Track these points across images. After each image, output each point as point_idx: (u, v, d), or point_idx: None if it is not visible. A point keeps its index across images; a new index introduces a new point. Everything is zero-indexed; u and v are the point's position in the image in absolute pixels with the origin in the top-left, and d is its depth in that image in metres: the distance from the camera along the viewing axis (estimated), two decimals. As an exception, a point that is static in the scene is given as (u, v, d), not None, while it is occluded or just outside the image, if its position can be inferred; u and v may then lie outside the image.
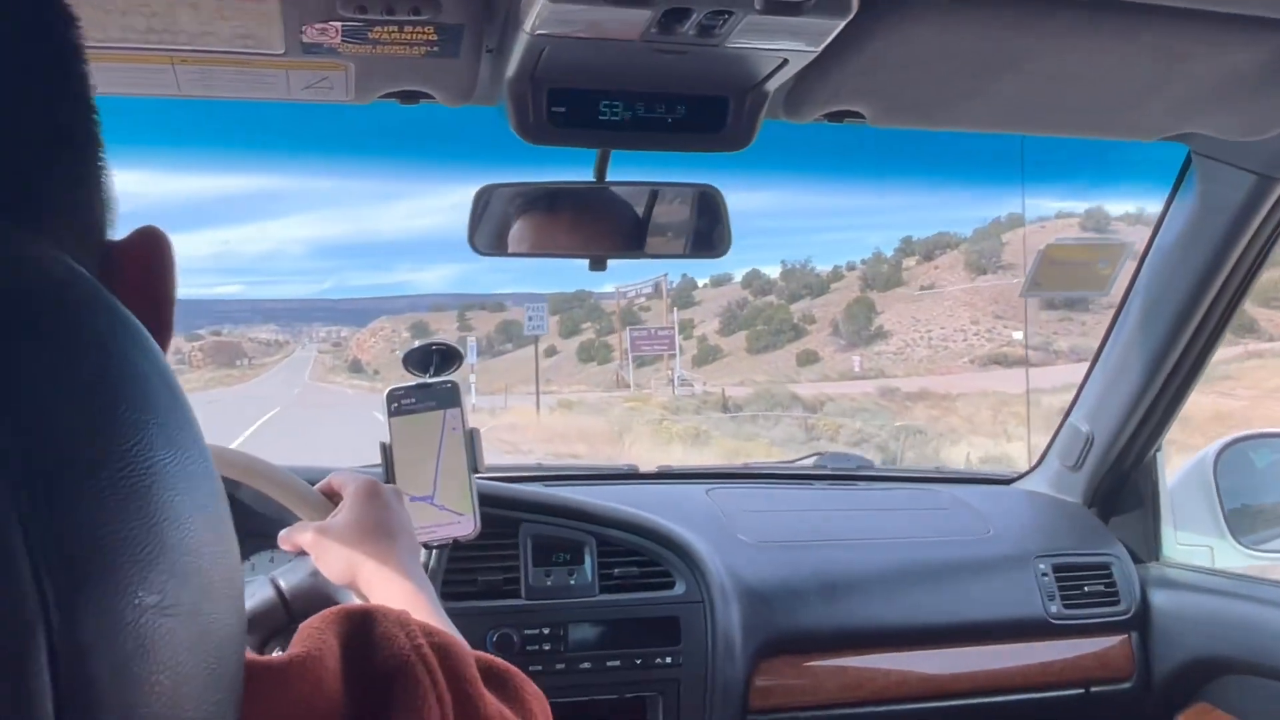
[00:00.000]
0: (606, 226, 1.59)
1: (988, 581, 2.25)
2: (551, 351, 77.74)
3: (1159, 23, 1.24)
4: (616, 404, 32.05)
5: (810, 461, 2.76)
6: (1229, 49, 1.32)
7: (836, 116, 1.47)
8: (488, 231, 1.59)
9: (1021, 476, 2.68)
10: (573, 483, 2.42)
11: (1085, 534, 2.42)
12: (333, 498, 1.29)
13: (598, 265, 1.58)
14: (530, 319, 39.15)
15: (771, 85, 1.32)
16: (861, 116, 1.47)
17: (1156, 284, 2.17)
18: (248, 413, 29.63)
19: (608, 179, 1.54)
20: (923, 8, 1.21)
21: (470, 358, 37.19)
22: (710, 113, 1.36)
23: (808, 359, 57.01)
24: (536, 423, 25.18)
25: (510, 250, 1.59)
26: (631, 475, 2.58)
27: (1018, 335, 54.27)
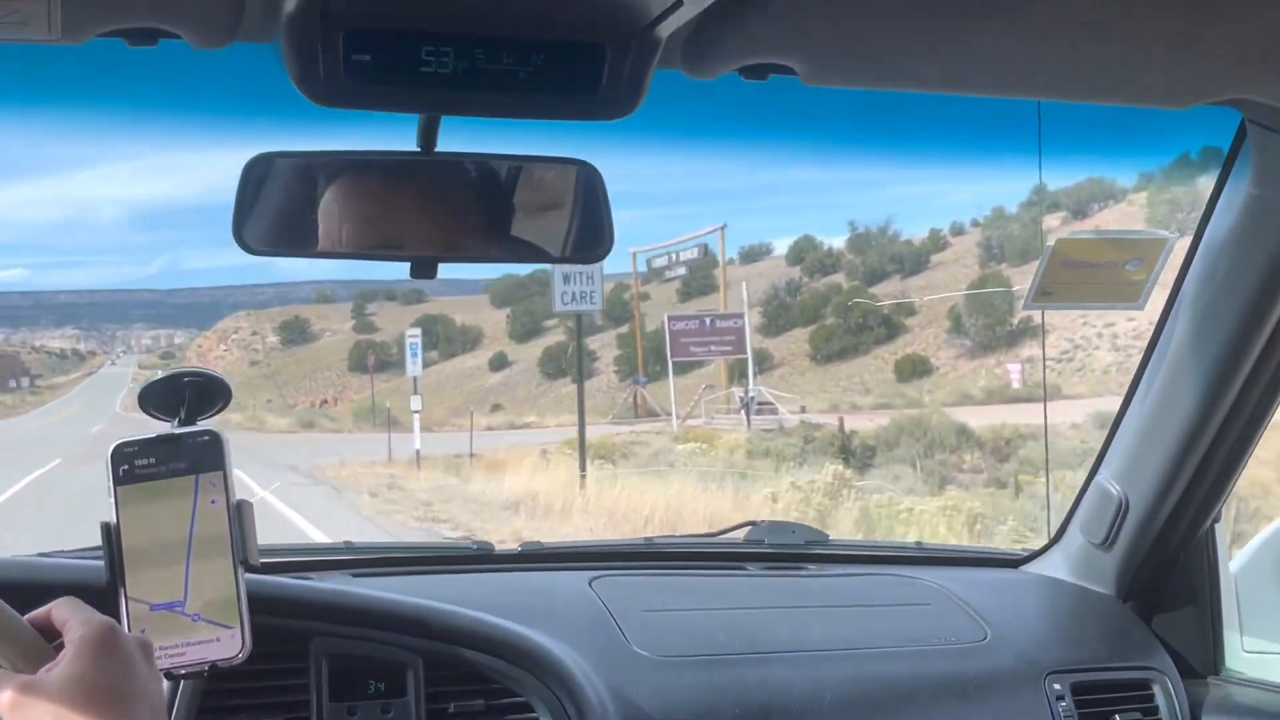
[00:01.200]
0: (437, 216, 1.59)
1: (982, 708, 2.30)
2: (501, 363, 77.24)
3: None
4: (659, 445, 28.22)
5: (740, 534, 2.79)
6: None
7: (757, 72, 1.51)
8: (262, 221, 1.57)
9: (1034, 556, 2.76)
10: (394, 571, 2.42)
11: (1118, 639, 2.49)
12: (51, 636, 1.25)
13: (423, 271, 1.59)
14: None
15: (664, 30, 1.34)
16: (791, 72, 1.51)
17: (1207, 294, 2.24)
18: (9, 466, 26.51)
19: (440, 149, 1.54)
20: None
21: (412, 365, 31.99)
22: (580, 67, 1.38)
23: (914, 368, 54.24)
24: (580, 501, 19.33)
25: (294, 248, 1.59)
26: (482, 557, 2.60)
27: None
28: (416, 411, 30.00)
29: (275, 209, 1.56)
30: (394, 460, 27.85)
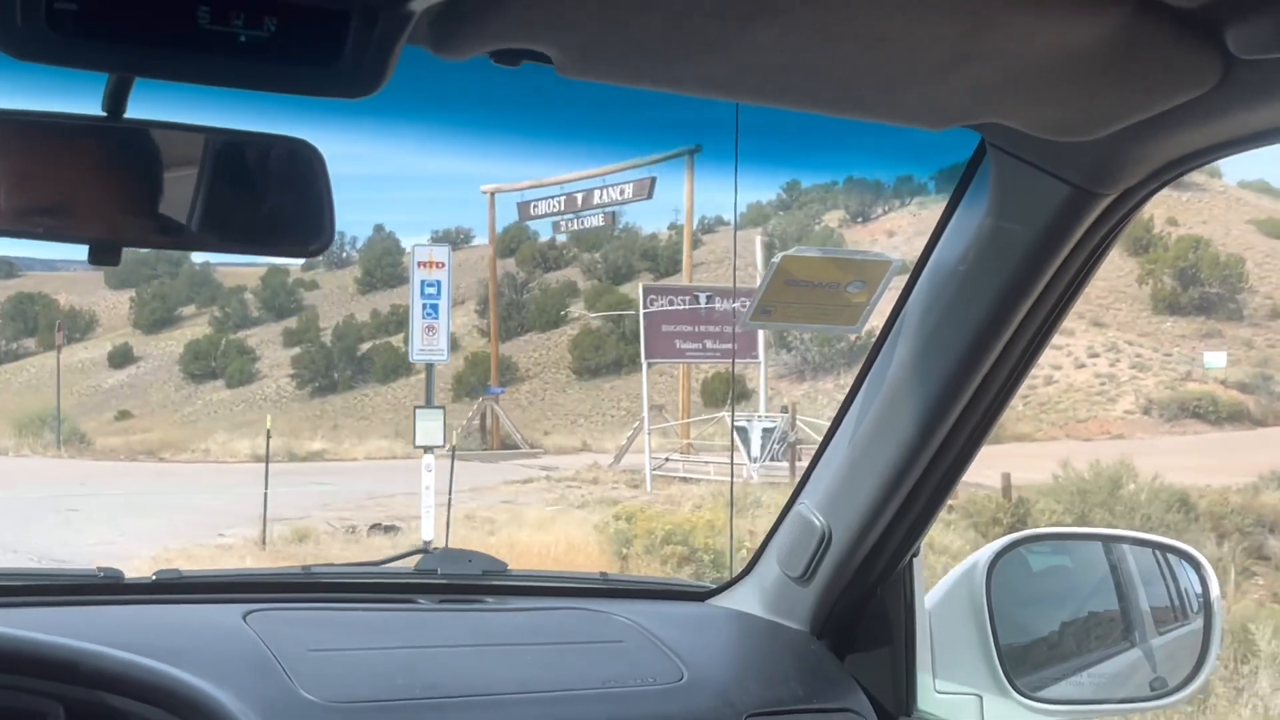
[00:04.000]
0: (120, 193, 1.49)
1: None
2: (125, 358, 66.54)
3: None
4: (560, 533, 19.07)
5: (410, 563, 2.66)
6: (1059, 20, 1.43)
7: (510, 58, 1.46)
8: None
9: (723, 589, 2.72)
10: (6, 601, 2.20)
11: (815, 678, 2.47)
12: None
13: (104, 256, 1.47)
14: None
15: (419, 4, 1.27)
16: (546, 60, 1.47)
17: (930, 319, 2.23)
18: None
19: (130, 116, 1.42)
20: None
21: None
22: (319, 36, 1.28)
23: (728, 390, 43.41)
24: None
25: None
26: (111, 587, 2.37)
27: (1215, 360, 55.87)
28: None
29: None
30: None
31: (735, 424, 24.56)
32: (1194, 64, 1.54)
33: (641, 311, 28.87)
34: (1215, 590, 2.67)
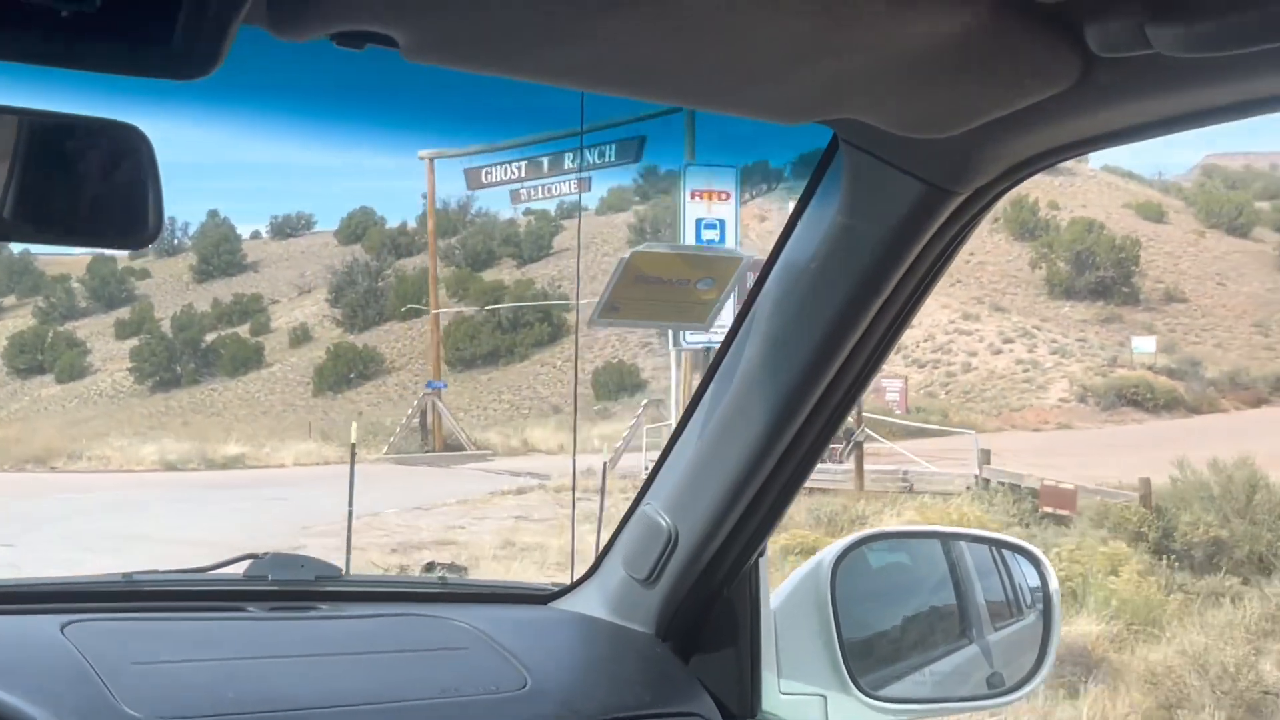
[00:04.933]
0: None
1: None
2: None
3: None
4: None
5: (239, 569, 2.56)
6: (919, 16, 1.43)
7: (354, 40, 1.41)
8: None
9: (565, 591, 2.68)
10: None
11: (660, 682, 2.44)
12: None
13: None
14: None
15: None
16: (393, 44, 1.42)
17: (780, 317, 2.22)
18: None
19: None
20: None
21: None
22: (148, 12, 1.20)
23: (622, 381, 41.26)
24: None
25: None
26: None
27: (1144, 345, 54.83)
28: None
29: None
30: None
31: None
32: (1054, 62, 1.54)
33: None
34: (1054, 586, 2.71)
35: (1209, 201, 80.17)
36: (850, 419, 24.98)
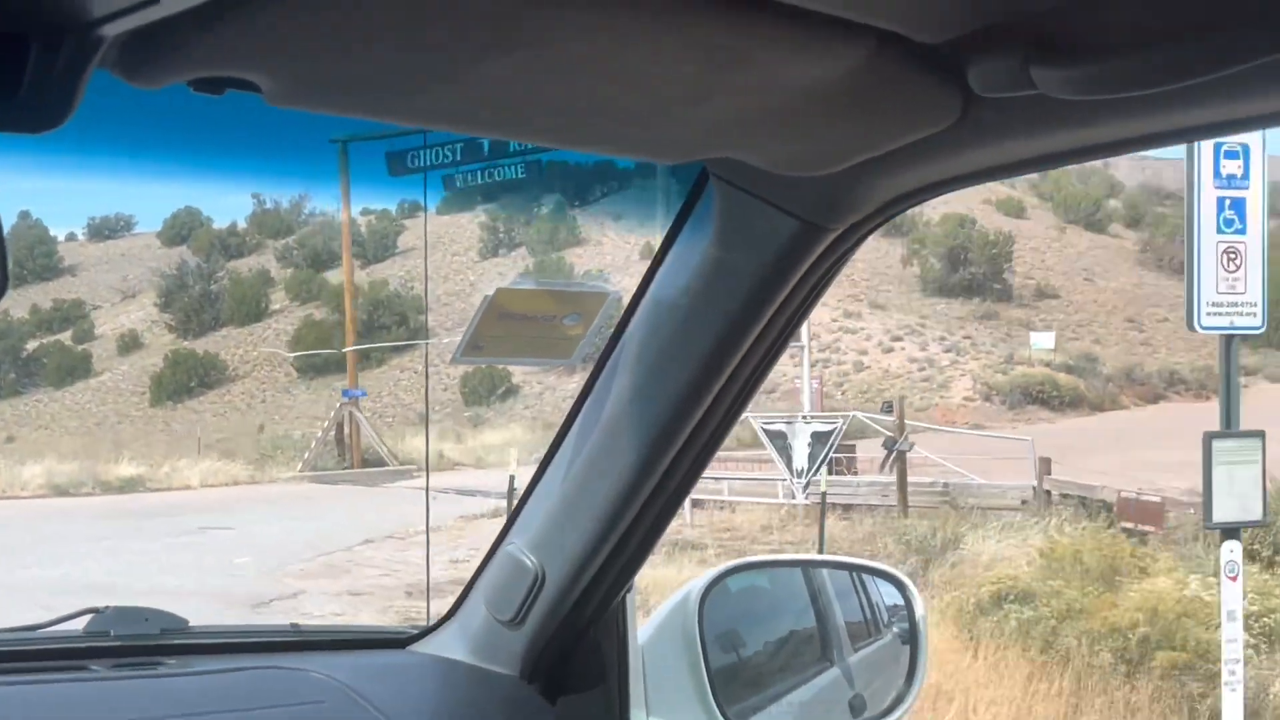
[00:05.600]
0: None
1: None
2: None
3: (713, 16, 1.32)
4: None
5: (79, 624, 2.43)
6: (801, 57, 1.42)
7: (214, 86, 1.37)
8: None
9: (424, 634, 2.61)
10: None
11: None
12: None
13: None
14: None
15: (110, 30, 1.17)
16: (255, 89, 1.38)
17: (649, 353, 2.18)
18: None
19: None
20: None
21: None
22: None
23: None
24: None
25: None
26: None
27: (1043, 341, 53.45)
28: None
29: None
30: None
31: (768, 428, 18.42)
32: (935, 100, 1.54)
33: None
34: (920, 610, 2.72)
35: (1066, 198, 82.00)
36: (889, 426, 24.91)
